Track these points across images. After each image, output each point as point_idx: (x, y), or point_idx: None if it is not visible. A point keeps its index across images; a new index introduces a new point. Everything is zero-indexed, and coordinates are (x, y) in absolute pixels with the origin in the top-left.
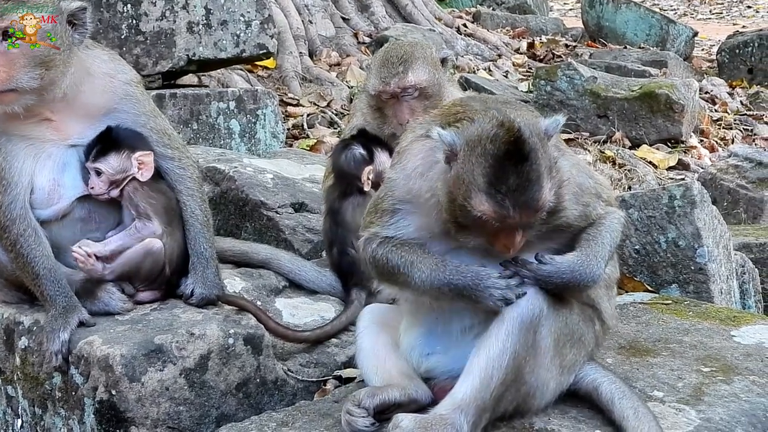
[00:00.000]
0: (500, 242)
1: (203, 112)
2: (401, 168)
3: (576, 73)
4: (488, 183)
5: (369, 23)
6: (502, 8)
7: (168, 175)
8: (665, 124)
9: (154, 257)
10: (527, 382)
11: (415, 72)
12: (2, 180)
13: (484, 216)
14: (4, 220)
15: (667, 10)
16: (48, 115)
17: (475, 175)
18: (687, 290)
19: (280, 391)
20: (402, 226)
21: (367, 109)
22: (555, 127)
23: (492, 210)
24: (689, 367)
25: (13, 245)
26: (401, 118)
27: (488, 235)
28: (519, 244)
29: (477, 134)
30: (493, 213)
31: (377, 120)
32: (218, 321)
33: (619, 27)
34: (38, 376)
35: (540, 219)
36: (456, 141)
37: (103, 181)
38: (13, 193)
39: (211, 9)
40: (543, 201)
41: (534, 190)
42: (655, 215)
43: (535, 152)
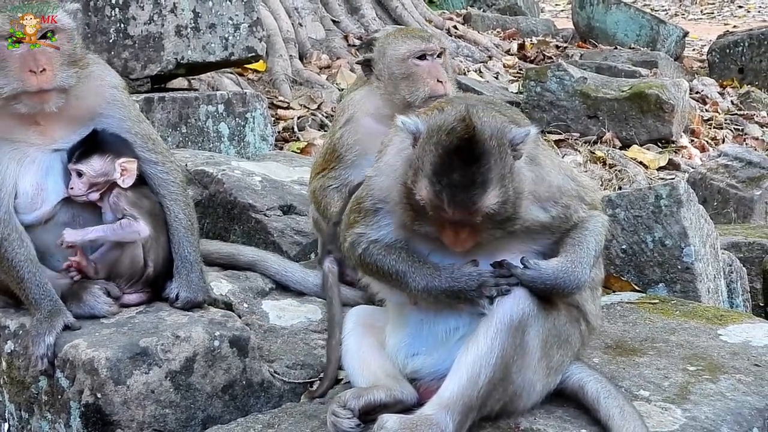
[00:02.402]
0: (445, 236)
1: (192, 116)
2: (378, 165)
3: (566, 73)
4: (432, 172)
5: (359, 25)
6: (493, 10)
7: (152, 180)
8: (655, 125)
9: (131, 252)
10: (514, 382)
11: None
12: None
13: (422, 202)
14: None
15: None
16: (37, 119)
17: (424, 161)
18: (674, 289)
19: (267, 393)
20: (384, 226)
21: (388, 84)
22: (522, 137)
23: (429, 198)
24: (675, 366)
25: None
26: (441, 75)
27: (436, 225)
28: (465, 243)
29: (438, 124)
30: (429, 201)
31: (408, 88)
32: (204, 323)
33: (609, 28)
34: (24, 380)
35: (488, 222)
36: (419, 127)
37: (84, 183)
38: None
39: (199, 12)
40: (480, 205)
41: (474, 192)
42: (642, 215)
43: (487, 155)
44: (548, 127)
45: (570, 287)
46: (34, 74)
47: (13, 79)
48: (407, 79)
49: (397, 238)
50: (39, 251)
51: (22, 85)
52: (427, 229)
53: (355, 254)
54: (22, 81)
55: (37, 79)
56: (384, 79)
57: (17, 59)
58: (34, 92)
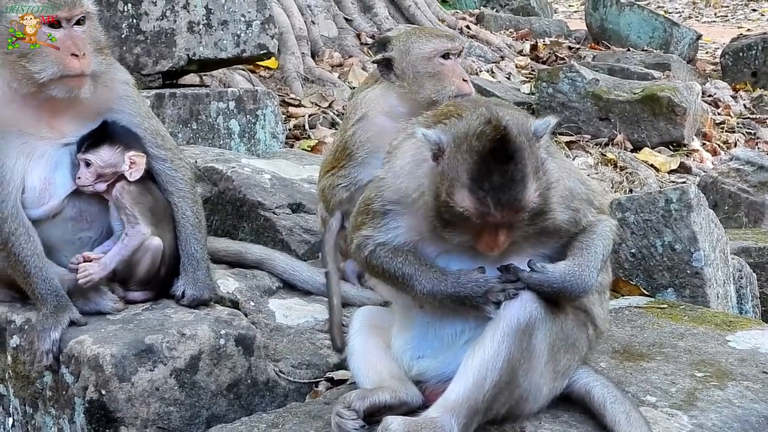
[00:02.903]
0: (483, 241)
1: (203, 112)
2: (390, 167)
3: (578, 75)
4: (471, 179)
5: (372, 24)
6: (506, 10)
7: (160, 177)
8: (667, 127)
9: (152, 254)
10: (520, 386)
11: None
12: None
13: (466, 212)
14: None
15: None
16: (52, 112)
17: (459, 171)
18: (683, 294)
19: (272, 393)
20: (392, 228)
21: (412, 83)
22: (545, 128)
23: (473, 207)
24: (683, 372)
25: (5, 244)
26: (465, 74)
27: (472, 233)
28: (503, 244)
29: (464, 131)
30: (474, 210)
31: (434, 87)
32: (209, 321)
33: (622, 29)
34: (29, 374)
35: (524, 220)
36: (442, 138)
37: (91, 173)
38: (5, 191)
39: (211, 9)
40: (526, 201)
41: (517, 189)
42: (652, 219)
43: (521, 151)
44: (560, 129)
45: (577, 291)
46: (77, 58)
47: (53, 63)
48: (433, 77)
49: (406, 240)
50: (46, 246)
51: (64, 69)
52: (461, 239)
53: (362, 256)
54: (64, 65)
55: (79, 62)
56: (408, 77)
57: (56, 43)
58: (75, 76)
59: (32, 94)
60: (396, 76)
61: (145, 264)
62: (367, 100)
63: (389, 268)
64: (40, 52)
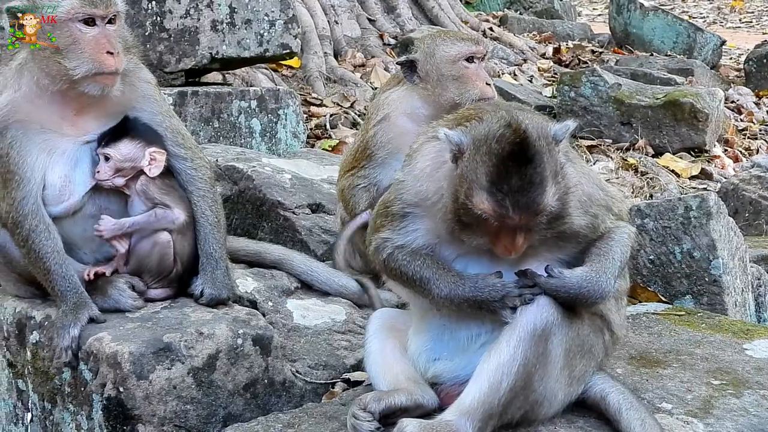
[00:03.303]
0: (501, 243)
1: (224, 111)
2: (410, 170)
3: (600, 79)
4: (490, 182)
5: (395, 25)
6: (530, 12)
7: (180, 176)
8: (689, 133)
9: (161, 248)
10: (536, 391)
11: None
12: (15, 175)
13: (484, 215)
14: (17, 216)
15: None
16: (77, 109)
17: (478, 173)
18: (701, 302)
19: (288, 393)
20: (411, 231)
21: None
22: (564, 132)
23: (492, 209)
24: (699, 379)
25: (25, 241)
26: (488, 78)
27: (490, 235)
28: (520, 248)
29: (484, 133)
30: (492, 212)
31: (458, 90)
32: (227, 321)
33: (646, 34)
34: (48, 371)
35: (542, 223)
36: (463, 140)
37: (110, 167)
38: (26, 188)
39: (235, 8)
40: (544, 204)
41: (536, 192)
42: (671, 226)
43: (540, 155)
44: (581, 133)
45: (594, 297)
46: (111, 55)
47: (89, 60)
48: (457, 80)
49: (424, 243)
50: (66, 243)
51: (99, 66)
52: (479, 241)
53: (380, 258)
54: (100, 62)
55: (114, 60)
56: (431, 80)
57: (91, 40)
58: (108, 73)
59: (62, 90)
60: (419, 78)
61: (155, 258)
62: (390, 101)
63: (407, 271)
64: (75, 48)
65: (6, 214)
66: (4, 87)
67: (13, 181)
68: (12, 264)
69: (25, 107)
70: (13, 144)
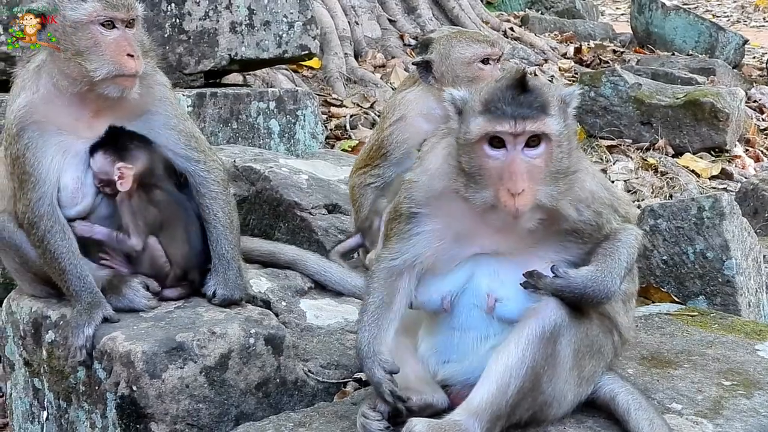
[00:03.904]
0: (504, 188)
1: (243, 112)
2: (423, 170)
3: (620, 79)
4: (484, 103)
5: (415, 25)
6: (551, 12)
7: (193, 178)
8: (709, 133)
9: (150, 251)
10: (544, 392)
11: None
12: (31, 176)
13: (482, 134)
14: (33, 217)
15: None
16: (94, 111)
17: (474, 107)
18: (714, 302)
19: (300, 392)
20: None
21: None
22: (572, 95)
23: (487, 122)
24: (710, 380)
25: (41, 241)
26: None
27: (493, 183)
28: (523, 200)
29: (486, 84)
30: (488, 125)
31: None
32: (240, 321)
33: (667, 33)
34: (64, 369)
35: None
36: (466, 96)
37: (94, 176)
38: (42, 190)
39: (254, 9)
40: (545, 114)
41: (535, 104)
42: (684, 226)
43: (544, 90)
44: (601, 133)
45: (599, 296)
46: (132, 58)
47: (110, 63)
48: (471, 82)
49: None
50: (80, 244)
51: (120, 68)
52: (485, 196)
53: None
54: (120, 64)
55: (134, 63)
56: (446, 81)
57: (112, 43)
58: (129, 76)
59: (80, 93)
60: (435, 78)
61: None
62: (406, 101)
63: (367, 296)
64: (96, 50)
65: (22, 214)
66: (21, 89)
67: (29, 182)
68: (28, 264)
69: (43, 109)
70: (29, 145)
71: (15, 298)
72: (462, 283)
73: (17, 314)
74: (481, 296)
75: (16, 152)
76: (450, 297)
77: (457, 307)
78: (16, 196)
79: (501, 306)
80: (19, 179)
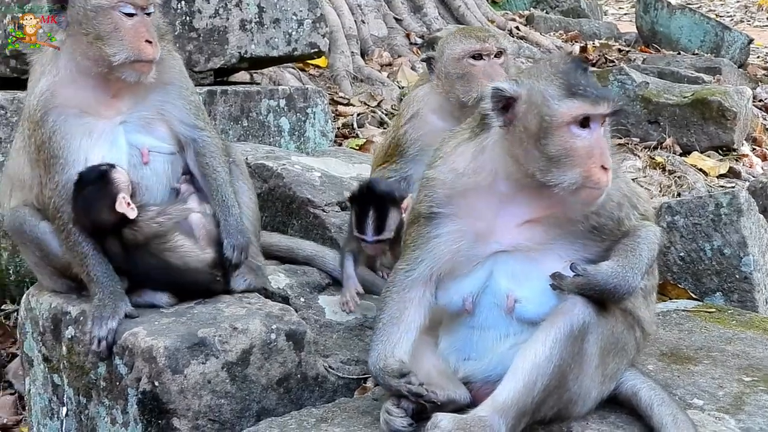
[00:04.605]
0: (596, 163)
1: (253, 110)
2: (449, 168)
3: (628, 78)
4: (566, 86)
5: (421, 24)
6: (556, 12)
7: (196, 143)
8: (717, 132)
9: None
10: (570, 389)
11: (505, 37)
12: (59, 159)
13: (576, 115)
14: (59, 201)
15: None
16: (114, 92)
17: (548, 94)
18: (731, 299)
19: (321, 388)
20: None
21: (444, 83)
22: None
23: (581, 104)
24: (731, 376)
25: (65, 225)
26: (496, 75)
27: (582, 159)
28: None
29: (537, 71)
30: (583, 107)
31: (463, 88)
32: (261, 316)
33: (673, 33)
34: (83, 365)
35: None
36: (516, 88)
37: None
38: (70, 172)
39: (263, 7)
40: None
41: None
42: (701, 223)
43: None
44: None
45: (621, 292)
46: (150, 44)
47: (128, 48)
48: (462, 78)
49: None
50: None
51: (138, 54)
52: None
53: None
54: (139, 50)
55: (152, 49)
56: (441, 78)
57: (131, 29)
58: (146, 61)
59: (101, 74)
60: (436, 76)
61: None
62: (418, 98)
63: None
64: (116, 35)
65: (48, 199)
66: (41, 74)
67: (57, 165)
68: (48, 257)
69: (64, 92)
70: (55, 129)
71: (34, 294)
72: (482, 282)
73: (36, 310)
74: (500, 296)
75: (42, 137)
76: (471, 298)
77: (477, 307)
78: (42, 182)
79: (520, 306)
80: (45, 164)
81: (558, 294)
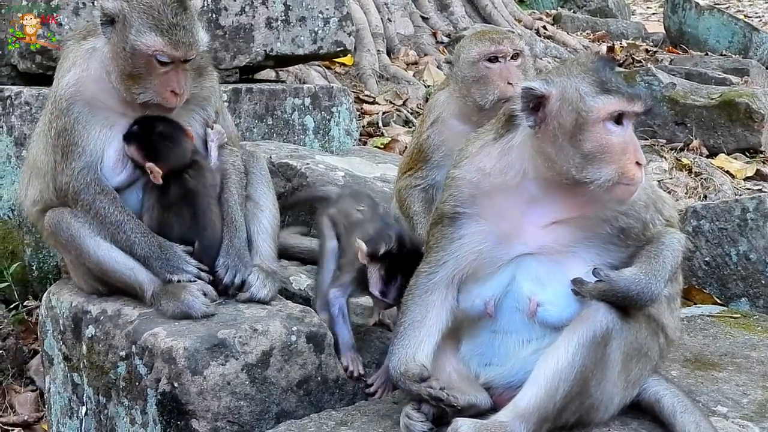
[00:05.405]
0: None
1: (278, 108)
2: (475, 168)
3: (655, 78)
4: (599, 83)
5: (448, 23)
6: (583, 11)
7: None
8: (744, 134)
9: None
10: (592, 395)
11: (521, 39)
12: (78, 147)
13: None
14: (77, 185)
15: (752, 17)
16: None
17: (583, 91)
18: (757, 304)
19: (341, 390)
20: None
21: (461, 87)
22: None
23: (618, 102)
24: (755, 383)
25: (91, 204)
26: (512, 77)
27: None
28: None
29: (566, 69)
30: (621, 104)
31: (479, 91)
32: (281, 318)
33: (701, 33)
34: (103, 365)
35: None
36: (547, 87)
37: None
38: (87, 159)
39: (290, 5)
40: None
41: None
42: (727, 227)
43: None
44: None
45: (643, 299)
46: (175, 95)
47: (154, 93)
48: (477, 82)
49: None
50: None
51: (162, 100)
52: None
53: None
54: (163, 98)
55: (176, 99)
56: (459, 81)
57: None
58: (168, 108)
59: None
60: (453, 80)
61: None
62: (439, 103)
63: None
64: (147, 78)
65: (66, 185)
66: (72, 64)
67: (75, 153)
68: (82, 256)
69: (92, 87)
70: (78, 119)
71: (55, 292)
72: (504, 286)
73: (57, 309)
74: (523, 300)
75: (64, 124)
76: (493, 301)
77: (499, 311)
78: (56, 168)
79: (543, 311)
80: (63, 150)
81: (580, 299)
